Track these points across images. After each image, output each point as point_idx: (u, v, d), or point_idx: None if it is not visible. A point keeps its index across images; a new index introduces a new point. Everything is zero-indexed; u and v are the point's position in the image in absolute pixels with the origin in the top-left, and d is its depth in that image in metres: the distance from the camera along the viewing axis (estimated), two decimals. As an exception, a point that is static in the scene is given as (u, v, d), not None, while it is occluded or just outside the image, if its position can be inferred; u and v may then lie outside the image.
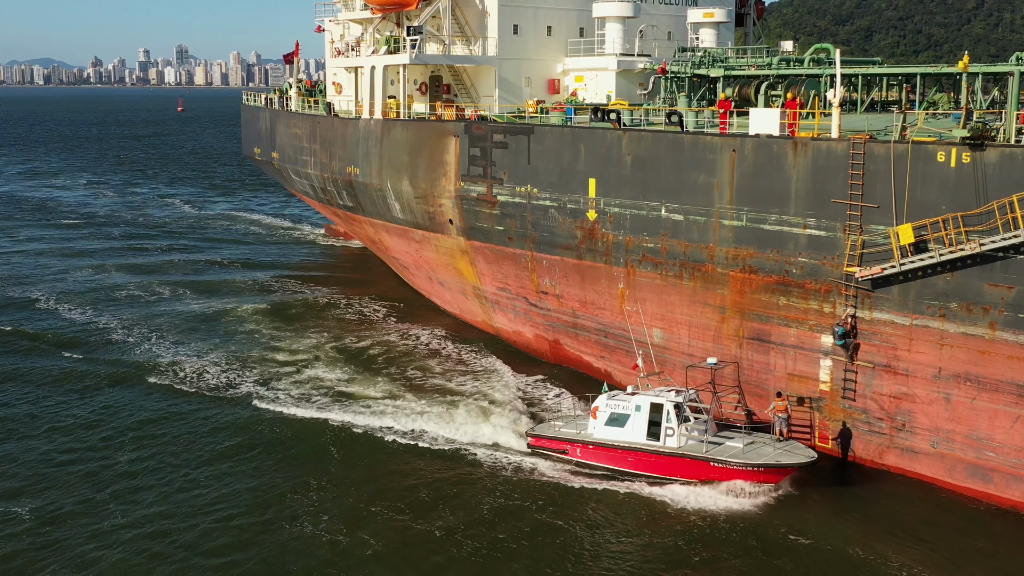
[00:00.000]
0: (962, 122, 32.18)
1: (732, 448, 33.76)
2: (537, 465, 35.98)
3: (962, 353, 32.31)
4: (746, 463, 33.05)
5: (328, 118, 61.12)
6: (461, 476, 35.16)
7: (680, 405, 34.53)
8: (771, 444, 34.13)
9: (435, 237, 52.97)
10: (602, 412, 35.71)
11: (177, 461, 36.31)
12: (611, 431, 35.32)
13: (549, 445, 36.76)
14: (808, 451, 33.80)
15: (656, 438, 34.34)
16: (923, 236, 32.24)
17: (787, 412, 34.88)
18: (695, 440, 34.04)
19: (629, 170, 41.04)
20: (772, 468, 32.96)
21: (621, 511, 32.56)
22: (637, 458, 34.69)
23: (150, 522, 31.50)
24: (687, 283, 39.66)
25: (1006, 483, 32.17)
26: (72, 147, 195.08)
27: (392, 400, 42.33)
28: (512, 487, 34.26)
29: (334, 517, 32.12)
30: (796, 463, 33.12)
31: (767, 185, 36.34)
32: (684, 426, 34.18)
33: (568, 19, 58.76)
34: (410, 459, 36.61)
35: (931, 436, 33.64)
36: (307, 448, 37.58)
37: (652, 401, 34.77)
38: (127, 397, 43.08)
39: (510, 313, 50.26)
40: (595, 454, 35.62)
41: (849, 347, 34.89)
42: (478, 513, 32.36)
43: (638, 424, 34.76)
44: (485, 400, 42.26)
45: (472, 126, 48.15)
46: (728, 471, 33.16)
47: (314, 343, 50.58)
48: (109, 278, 66.79)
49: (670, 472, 34.12)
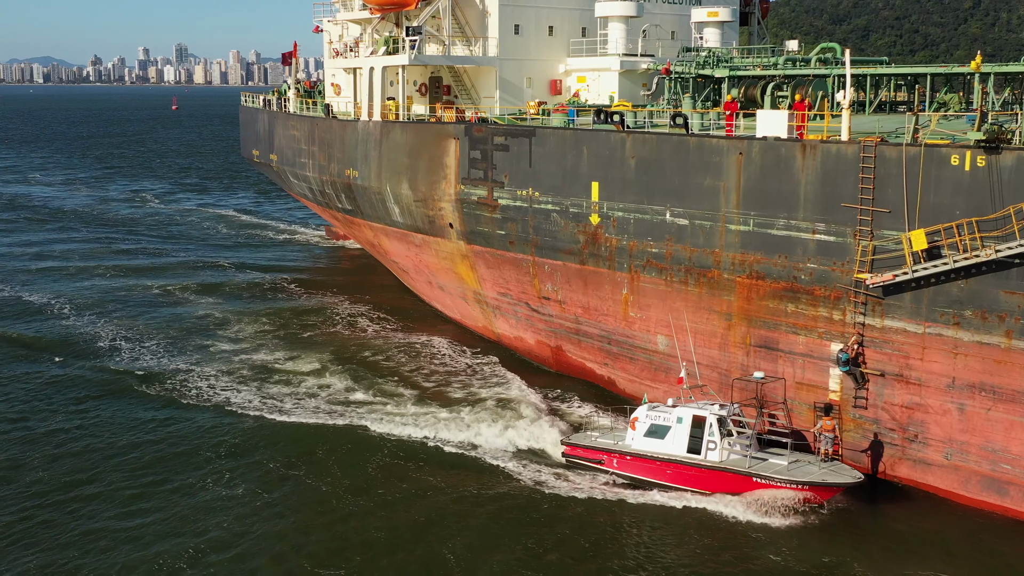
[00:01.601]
0: (977, 124, 31.26)
1: (776, 465, 32.76)
2: (569, 475, 35.31)
3: (977, 363, 31.40)
4: (791, 480, 31.97)
5: (326, 120, 60.22)
6: (487, 484, 34.53)
7: (723, 419, 33.59)
8: (816, 463, 32.91)
9: (435, 241, 52.07)
10: (641, 423, 34.84)
11: (186, 477, 35.26)
12: (650, 443, 34.42)
13: (585, 455, 35.91)
14: (854, 472, 32.56)
15: (697, 451, 33.46)
16: (936, 242, 31.32)
17: (834, 431, 33.50)
18: (737, 455, 33.12)
19: (633, 173, 40.13)
20: (817, 487, 31.91)
21: (656, 523, 31.83)
22: (676, 471, 33.77)
23: (150, 534, 30.89)
24: (692, 289, 38.75)
25: (1023, 496, 31.25)
26: (55, 146, 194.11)
27: (411, 407, 41.71)
28: (543, 497, 33.49)
29: (354, 526, 31.63)
30: (842, 483, 31.99)
31: (775, 189, 35.43)
32: (726, 440, 33.27)
33: (570, 19, 57.82)
34: (429, 467, 35.93)
35: (944, 448, 32.73)
36: (316, 456, 36.93)
37: (695, 414, 33.85)
38: (120, 406, 42.12)
39: (511, 319, 49.36)
40: (633, 465, 34.72)
41: (855, 375, 33.94)
42: (504, 522, 31.69)
43: (679, 436, 33.84)
44: (507, 407, 41.52)
45: (472, 128, 47.23)
46: (771, 488, 32.18)
47: (317, 350, 49.52)
48: (75, 276, 66.26)
49: (710, 487, 33.20)
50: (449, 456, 36.88)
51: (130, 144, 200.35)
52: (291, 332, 53.18)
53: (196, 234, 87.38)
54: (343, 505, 33.03)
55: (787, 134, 35.79)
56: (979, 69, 36.54)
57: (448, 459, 36.64)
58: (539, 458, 36.90)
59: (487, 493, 33.72)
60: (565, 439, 37.19)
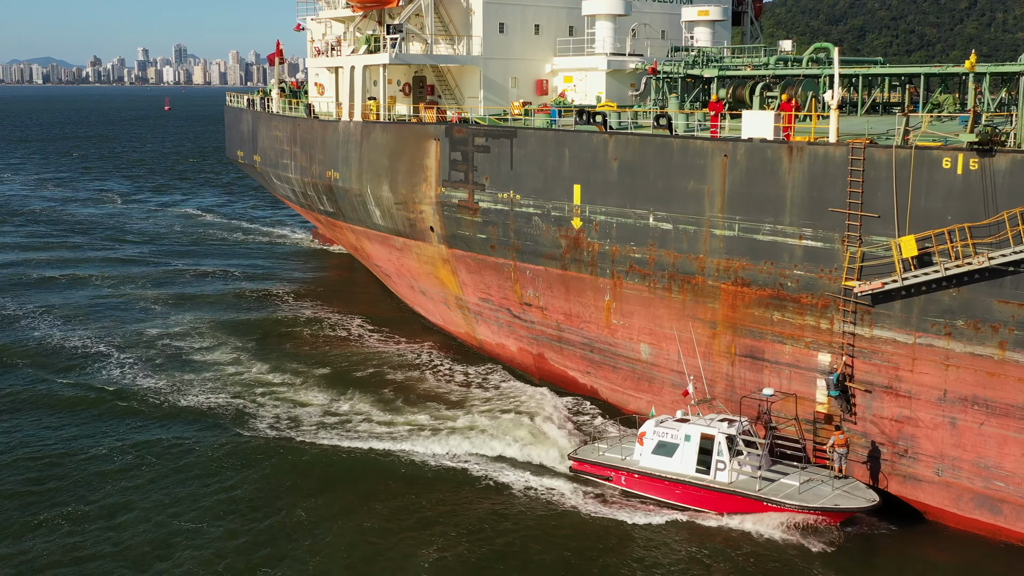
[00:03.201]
0: (969, 126, 29.84)
1: (788, 487, 31.24)
2: (571, 491, 34.05)
3: (969, 375, 30.02)
4: (802, 505, 30.49)
5: (308, 120, 58.85)
6: (486, 499, 33.45)
7: (733, 438, 32.14)
8: (829, 483, 31.35)
9: (416, 245, 50.69)
10: (649, 439, 33.49)
11: (177, 496, 33.85)
12: (658, 460, 33.11)
13: (592, 470, 34.64)
14: (869, 493, 31.01)
15: (706, 471, 32.09)
16: (927, 248, 29.95)
17: (847, 447, 32.00)
18: (747, 476, 31.67)
19: (615, 176, 38.76)
20: (829, 512, 30.47)
21: (663, 544, 30.51)
22: (685, 491, 32.42)
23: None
24: (676, 296, 37.38)
25: (1017, 515, 29.84)
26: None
27: (404, 421, 40.40)
28: (547, 514, 32.36)
29: (352, 541, 30.77)
30: (856, 508, 30.51)
31: (760, 192, 34.06)
32: (736, 460, 31.88)
33: (557, 17, 56.46)
34: (429, 481, 34.90)
35: (935, 463, 31.33)
36: (314, 475, 35.61)
37: (703, 431, 32.49)
38: (103, 422, 40.37)
39: (493, 325, 47.97)
40: (641, 484, 33.44)
41: (846, 402, 32.62)
42: (504, 540, 30.63)
43: (687, 455, 32.50)
44: (515, 418, 40.18)
45: (453, 129, 45.85)
46: (782, 512, 30.71)
47: (304, 361, 47.89)
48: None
49: (720, 509, 31.82)
50: (453, 469, 35.77)
51: (108, 144, 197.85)
52: (272, 345, 51.22)
53: (170, 234, 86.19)
54: (361, 526, 31.83)
55: (773, 135, 34.42)
56: (973, 69, 35.08)
57: (454, 473, 35.53)
58: (544, 471, 35.63)
59: (490, 508, 32.76)
60: (572, 453, 35.80)
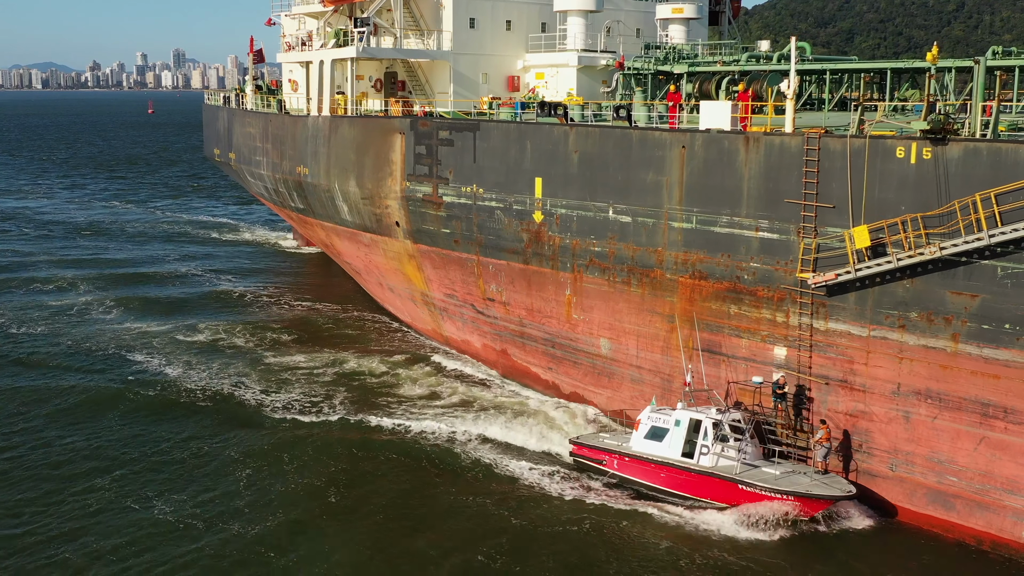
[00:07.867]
0: (924, 114, 29.35)
1: (767, 474, 31.08)
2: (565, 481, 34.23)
3: (922, 368, 29.51)
4: (776, 489, 30.23)
5: (279, 116, 58.38)
6: (486, 486, 33.65)
7: (719, 423, 32.07)
8: (809, 474, 31.05)
9: (383, 240, 50.18)
10: (643, 425, 33.81)
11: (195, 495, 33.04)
12: (649, 445, 33.37)
13: (589, 455, 34.94)
14: (847, 485, 30.58)
15: (691, 455, 32.18)
16: (880, 239, 29.47)
17: (830, 442, 31.32)
18: (728, 460, 31.52)
19: (576, 168, 38.27)
20: (803, 498, 30.02)
21: (644, 534, 30.43)
22: (669, 475, 32.51)
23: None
24: (635, 290, 36.88)
25: (969, 511, 29.30)
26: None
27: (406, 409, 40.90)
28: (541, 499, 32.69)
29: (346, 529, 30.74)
30: (831, 496, 30.01)
31: (718, 184, 33.58)
32: (721, 445, 31.74)
33: (529, 13, 56.05)
34: (424, 465, 35.14)
35: (889, 458, 30.80)
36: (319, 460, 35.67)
37: (692, 417, 32.59)
38: (107, 421, 39.42)
39: (458, 321, 47.45)
40: (630, 467, 33.61)
41: (785, 405, 32.54)
42: (496, 524, 30.81)
43: (675, 440, 32.74)
44: (515, 409, 40.53)
45: (418, 122, 45.37)
46: (756, 496, 30.46)
47: (296, 359, 47.26)
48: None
49: (699, 492, 31.79)
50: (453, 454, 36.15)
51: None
52: (264, 344, 50.24)
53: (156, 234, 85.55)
54: (354, 509, 31.98)
55: (731, 126, 33.96)
56: (936, 62, 34.70)
57: (454, 459, 35.89)
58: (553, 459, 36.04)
59: (487, 495, 32.97)
60: (574, 438, 36.08)
